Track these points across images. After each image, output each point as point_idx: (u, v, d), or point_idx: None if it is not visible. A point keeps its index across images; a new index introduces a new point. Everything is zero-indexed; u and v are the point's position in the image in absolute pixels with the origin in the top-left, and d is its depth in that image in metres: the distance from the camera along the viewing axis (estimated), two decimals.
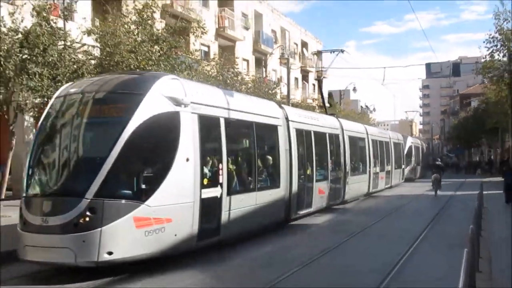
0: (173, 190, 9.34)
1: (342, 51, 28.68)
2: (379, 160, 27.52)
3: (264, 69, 42.19)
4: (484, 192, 18.79)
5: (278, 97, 32.56)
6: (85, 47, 18.60)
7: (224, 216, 11.04)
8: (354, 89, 47.93)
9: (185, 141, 9.74)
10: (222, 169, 11.06)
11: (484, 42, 28.64)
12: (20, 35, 16.11)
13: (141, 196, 8.86)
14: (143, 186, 8.95)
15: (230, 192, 11.32)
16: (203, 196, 10.17)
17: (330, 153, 18.80)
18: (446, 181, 38.64)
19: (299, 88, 48.99)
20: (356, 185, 22.23)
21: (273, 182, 13.99)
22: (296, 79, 48.16)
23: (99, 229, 8.29)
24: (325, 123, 19.02)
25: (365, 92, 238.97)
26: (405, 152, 35.88)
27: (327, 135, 18.63)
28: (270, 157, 14.12)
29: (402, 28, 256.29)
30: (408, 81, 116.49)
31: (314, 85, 54.79)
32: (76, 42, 17.95)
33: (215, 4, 35.95)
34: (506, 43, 27.85)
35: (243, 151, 13.35)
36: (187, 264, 9.88)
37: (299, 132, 15.69)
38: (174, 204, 9.38)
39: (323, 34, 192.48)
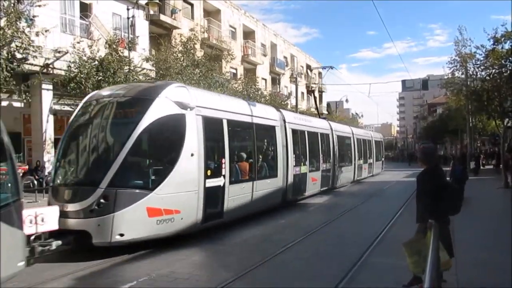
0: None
1: (332, 67, 28.42)
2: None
3: (278, 86, 42.09)
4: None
5: (289, 107, 32.40)
6: (144, 71, 18.78)
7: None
8: (347, 100, 47.00)
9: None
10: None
11: (446, 63, 28.65)
12: (96, 62, 16.36)
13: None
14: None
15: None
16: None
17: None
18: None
19: (304, 100, 48.58)
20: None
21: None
22: (302, 93, 47.72)
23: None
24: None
25: (355, 102, 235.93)
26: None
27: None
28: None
29: (382, 54, 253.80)
30: (388, 94, 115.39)
31: (316, 97, 54.30)
32: (138, 67, 18.11)
33: (241, 37, 35.88)
34: (463, 64, 27.47)
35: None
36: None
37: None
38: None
39: (322, 58, 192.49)
